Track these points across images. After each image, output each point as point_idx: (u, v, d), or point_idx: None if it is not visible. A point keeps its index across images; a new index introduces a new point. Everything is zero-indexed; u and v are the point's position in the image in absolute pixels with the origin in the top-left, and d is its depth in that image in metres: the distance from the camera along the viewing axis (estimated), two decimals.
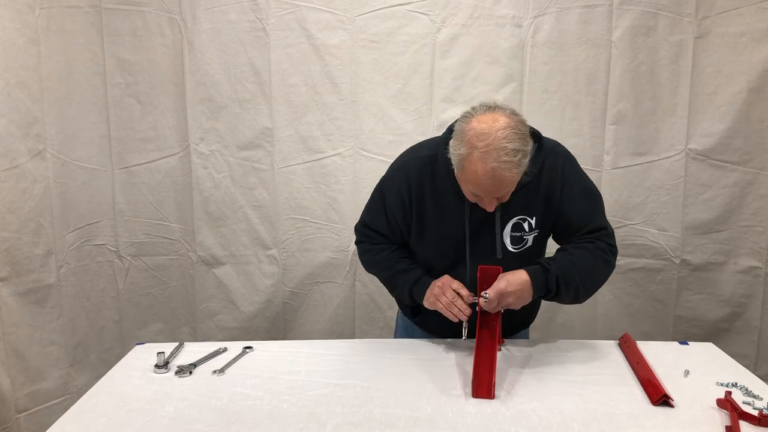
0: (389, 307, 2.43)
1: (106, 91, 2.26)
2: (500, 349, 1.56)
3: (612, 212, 2.34)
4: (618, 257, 2.37)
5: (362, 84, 2.27)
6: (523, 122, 1.34)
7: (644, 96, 2.27)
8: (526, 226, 1.49)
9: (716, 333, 2.37)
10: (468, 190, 1.39)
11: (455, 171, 1.39)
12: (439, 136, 1.52)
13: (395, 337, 1.85)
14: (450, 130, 1.43)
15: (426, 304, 1.51)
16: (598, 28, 2.23)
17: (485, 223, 1.48)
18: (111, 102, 2.27)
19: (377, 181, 1.60)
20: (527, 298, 1.42)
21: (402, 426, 1.21)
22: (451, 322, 1.47)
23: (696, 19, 2.21)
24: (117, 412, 1.28)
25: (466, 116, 1.35)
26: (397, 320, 1.86)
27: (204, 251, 2.39)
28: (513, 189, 1.38)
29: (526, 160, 1.32)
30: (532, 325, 1.79)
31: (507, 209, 1.47)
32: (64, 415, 1.27)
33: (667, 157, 2.31)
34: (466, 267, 1.52)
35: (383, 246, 1.62)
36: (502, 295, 1.39)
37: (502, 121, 1.30)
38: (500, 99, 2.22)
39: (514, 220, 1.49)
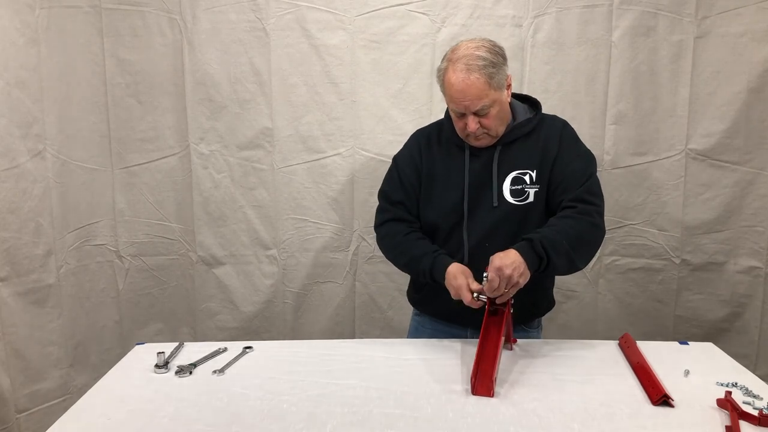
0: (389, 307, 2.43)
1: (106, 91, 2.26)
2: (512, 348, 1.57)
3: (612, 212, 2.34)
4: (618, 257, 2.41)
5: (362, 84, 2.27)
6: (497, 45, 1.52)
7: (644, 96, 2.27)
8: (527, 179, 1.58)
9: (716, 333, 2.37)
10: (454, 115, 1.55)
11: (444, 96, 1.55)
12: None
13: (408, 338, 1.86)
14: None
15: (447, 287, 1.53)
16: (598, 28, 2.23)
17: (484, 174, 1.59)
18: (111, 102, 2.27)
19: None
20: (526, 272, 1.41)
21: (402, 426, 1.21)
22: (448, 308, 1.56)
23: (696, 19, 2.21)
24: (117, 412, 1.27)
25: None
26: (410, 323, 1.88)
27: (204, 251, 2.39)
28: (489, 107, 1.49)
29: (495, 71, 1.47)
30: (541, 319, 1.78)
31: (506, 162, 1.59)
32: (64, 415, 1.27)
33: (667, 157, 2.31)
34: (463, 223, 1.60)
35: (400, 227, 1.66)
36: (500, 270, 1.37)
37: (475, 40, 1.51)
38: None
39: (514, 173, 1.58)
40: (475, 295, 1.44)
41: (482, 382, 1.34)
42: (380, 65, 2.26)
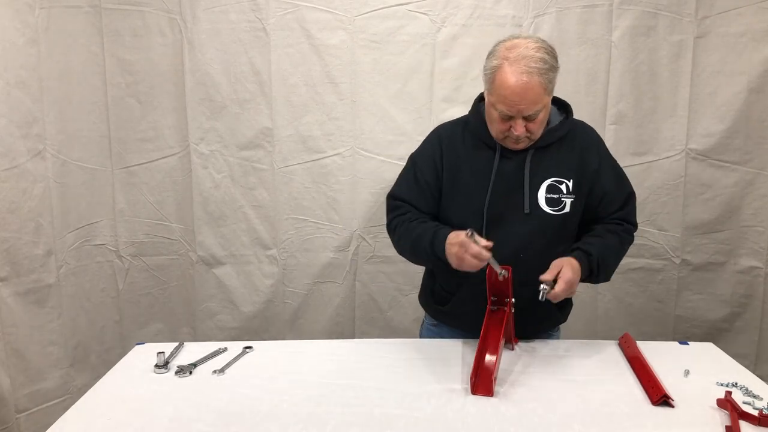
0: (389, 307, 2.43)
1: (106, 91, 2.26)
2: (513, 348, 1.57)
3: None
4: None
5: (362, 84, 2.27)
6: (552, 47, 1.42)
7: (644, 96, 2.27)
8: (563, 188, 1.51)
9: (716, 333, 2.37)
10: (497, 115, 1.43)
11: (485, 95, 1.46)
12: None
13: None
14: (479, 98, 1.56)
15: (449, 258, 1.42)
16: (598, 28, 2.23)
17: (516, 179, 1.50)
18: (111, 102, 2.27)
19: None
20: (578, 282, 1.45)
21: (402, 426, 1.21)
22: (477, 307, 1.47)
23: (696, 19, 2.21)
24: (117, 412, 1.28)
25: (497, 43, 1.45)
26: (421, 331, 1.82)
27: (204, 251, 2.39)
28: (541, 114, 1.41)
29: (554, 77, 1.39)
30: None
31: (539, 166, 1.50)
32: (64, 415, 1.27)
33: (667, 157, 2.31)
34: (495, 228, 1.49)
35: (407, 216, 1.57)
36: (570, 282, 1.39)
37: (532, 40, 1.40)
38: None
39: (550, 180, 1.50)
40: (469, 232, 1.32)
41: (482, 381, 1.34)
42: (380, 65, 2.26)
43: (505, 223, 1.50)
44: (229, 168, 2.34)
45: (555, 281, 1.40)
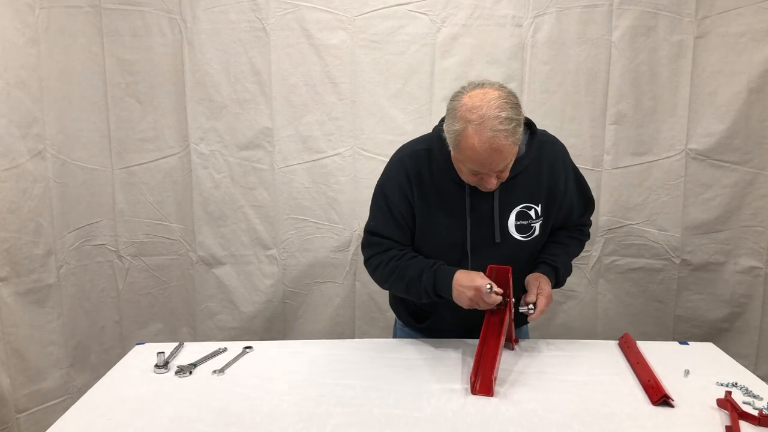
0: (389, 307, 2.42)
1: (106, 91, 2.26)
2: (513, 348, 1.57)
3: (612, 212, 2.35)
4: (618, 257, 2.42)
5: (362, 84, 2.27)
6: (513, 93, 1.35)
7: (644, 96, 2.27)
8: (532, 213, 1.51)
9: (716, 333, 2.37)
10: (466, 170, 1.38)
11: (452, 151, 1.39)
12: (429, 133, 1.54)
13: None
14: (442, 121, 1.45)
15: (458, 298, 1.44)
16: (598, 28, 2.23)
17: (486, 210, 1.49)
18: (111, 102, 2.27)
19: (377, 181, 1.59)
20: None
21: (402, 426, 1.21)
22: (459, 326, 1.56)
23: (696, 19, 2.21)
24: (117, 412, 1.28)
25: (456, 96, 1.37)
26: (394, 331, 1.83)
27: (204, 251, 2.39)
28: (511, 163, 1.37)
29: (521, 129, 1.33)
30: (531, 325, 1.79)
31: (509, 196, 1.48)
32: (64, 415, 1.27)
33: (667, 157, 2.31)
34: (468, 260, 1.51)
35: (390, 254, 1.53)
36: (550, 297, 1.51)
37: (492, 93, 1.31)
38: None
39: (519, 208, 1.50)
40: (489, 286, 1.37)
41: (482, 381, 1.34)
42: (380, 65, 2.26)
43: (476, 253, 1.50)
44: (229, 168, 2.34)
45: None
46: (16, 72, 1.99)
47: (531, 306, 1.47)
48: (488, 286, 1.37)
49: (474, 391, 1.33)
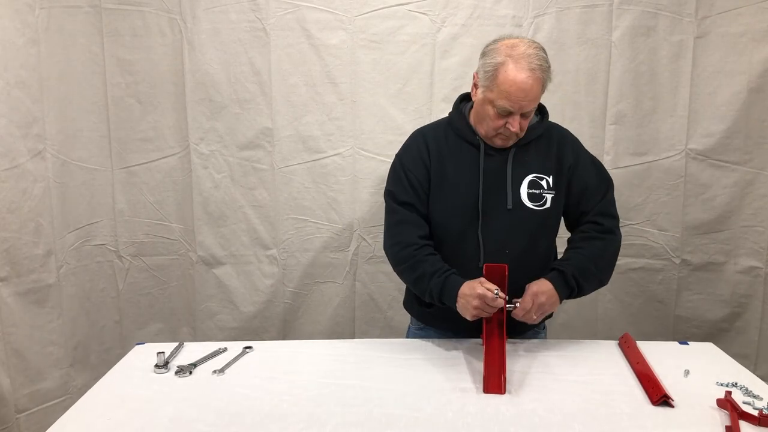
0: (389, 307, 2.43)
1: (106, 91, 2.26)
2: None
3: None
4: (618, 257, 2.40)
5: (362, 84, 2.27)
6: (544, 48, 1.48)
7: (644, 96, 2.27)
8: (544, 184, 1.56)
9: (716, 333, 2.37)
10: (494, 111, 1.46)
11: (482, 91, 1.48)
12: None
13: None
14: (460, 99, 1.64)
15: (462, 308, 1.47)
16: (598, 28, 2.23)
17: (499, 175, 1.55)
18: (111, 102, 2.27)
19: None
20: (557, 301, 1.52)
21: (402, 426, 1.21)
22: (464, 320, 1.51)
23: (696, 19, 2.21)
24: (117, 412, 1.28)
25: (492, 42, 1.49)
26: (407, 334, 1.82)
27: (204, 251, 2.39)
28: (533, 112, 1.49)
29: (549, 77, 1.45)
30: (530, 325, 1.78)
31: (522, 163, 1.56)
32: (64, 415, 1.27)
33: (667, 157, 2.31)
34: (478, 224, 1.54)
35: (412, 239, 1.56)
36: (536, 296, 1.47)
37: (528, 40, 1.48)
38: None
39: (531, 176, 1.56)
40: (496, 291, 1.40)
41: (493, 380, 1.35)
42: (380, 65, 2.26)
43: (488, 218, 1.54)
44: (229, 168, 2.34)
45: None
46: (16, 72, 1.99)
47: (516, 303, 1.47)
48: (495, 291, 1.39)
49: (486, 390, 1.34)
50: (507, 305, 1.46)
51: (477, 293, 1.40)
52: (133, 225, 2.37)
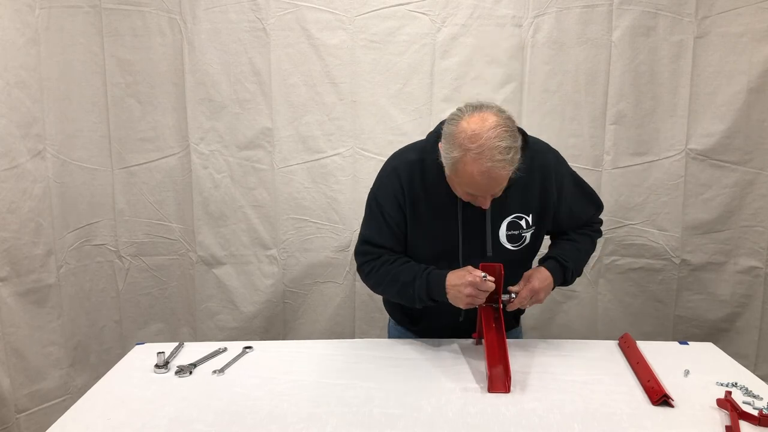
0: None
1: (106, 91, 2.26)
2: (479, 344, 1.60)
3: (612, 212, 2.34)
4: (618, 257, 2.42)
5: (362, 84, 2.27)
6: (510, 118, 1.36)
7: (644, 96, 2.27)
8: (523, 223, 1.53)
9: (716, 333, 2.37)
10: (462, 191, 1.41)
11: (447, 173, 1.40)
12: (422, 140, 1.55)
13: None
14: (437, 133, 1.46)
15: (454, 299, 1.45)
16: (598, 28, 2.23)
17: (478, 222, 1.50)
18: (111, 102, 2.27)
19: (370, 189, 1.59)
20: (550, 290, 1.55)
21: (402, 426, 1.21)
22: (451, 326, 1.57)
23: (696, 19, 2.21)
24: (117, 412, 1.28)
25: (454, 118, 1.37)
26: (389, 331, 1.84)
27: (204, 251, 2.39)
28: (505, 185, 1.39)
29: (518, 156, 1.34)
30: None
31: (501, 208, 1.49)
32: (64, 415, 1.27)
33: (667, 157, 2.31)
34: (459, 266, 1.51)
35: (383, 259, 1.54)
36: (532, 284, 1.48)
37: (491, 120, 1.31)
38: (500, 99, 2.22)
39: (510, 218, 1.52)
40: (483, 275, 1.39)
41: (498, 379, 1.35)
42: (380, 65, 2.26)
43: (468, 263, 1.48)
44: (229, 168, 2.34)
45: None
46: (16, 72, 1.99)
47: (513, 294, 1.48)
48: (483, 275, 1.39)
49: (490, 390, 1.34)
50: (504, 296, 1.48)
51: (468, 281, 1.39)
52: (133, 225, 2.37)
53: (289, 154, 2.33)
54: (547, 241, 1.71)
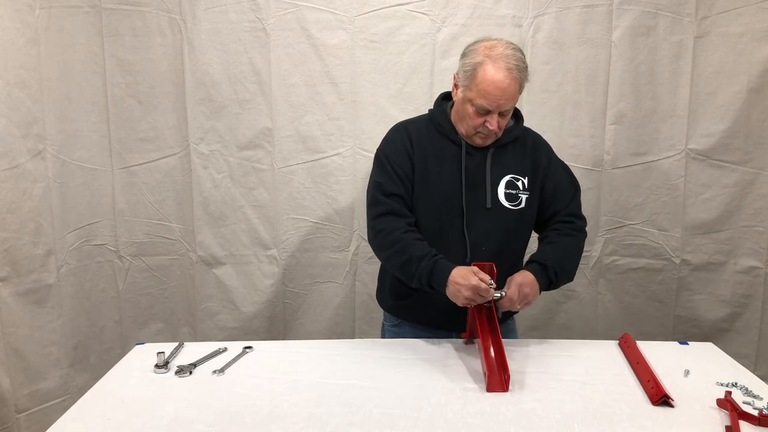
0: None
1: (106, 91, 2.26)
2: (469, 344, 1.61)
3: (612, 212, 2.35)
4: (618, 257, 2.42)
5: (362, 84, 2.27)
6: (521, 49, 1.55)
7: (644, 96, 2.27)
8: (520, 185, 1.62)
9: (716, 333, 2.37)
10: (473, 110, 1.51)
11: (461, 91, 1.54)
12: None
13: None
14: (441, 97, 1.68)
15: (453, 295, 1.47)
16: (598, 28, 2.23)
17: (479, 172, 1.59)
18: (111, 102, 2.27)
19: (377, 148, 1.64)
20: (538, 293, 1.56)
21: (402, 426, 1.21)
22: (439, 313, 1.58)
23: (696, 19, 2.21)
24: (117, 412, 1.28)
25: (472, 44, 1.55)
26: (382, 332, 1.84)
27: (204, 251, 2.39)
28: (511, 111, 1.55)
29: (526, 79, 1.52)
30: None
31: (499, 162, 1.61)
32: (64, 415, 1.27)
33: (667, 157, 2.31)
34: (462, 220, 1.58)
35: (399, 225, 1.56)
36: (522, 287, 1.50)
37: (505, 41, 1.52)
38: None
39: (508, 177, 1.61)
40: (490, 282, 1.42)
41: (496, 378, 1.35)
42: (380, 65, 2.26)
43: (470, 216, 1.58)
44: (229, 168, 2.34)
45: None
46: (16, 72, 1.99)
47: (502, 293, 1.48)
48: (490, 282, 1.42)
49: (489, 389, 1.34)
50: (496, 293, 1.48)
51: (471, 284, 1.41)
52: (133, 225, 2.37)
53: (289, 154, 2.33)
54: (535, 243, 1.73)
